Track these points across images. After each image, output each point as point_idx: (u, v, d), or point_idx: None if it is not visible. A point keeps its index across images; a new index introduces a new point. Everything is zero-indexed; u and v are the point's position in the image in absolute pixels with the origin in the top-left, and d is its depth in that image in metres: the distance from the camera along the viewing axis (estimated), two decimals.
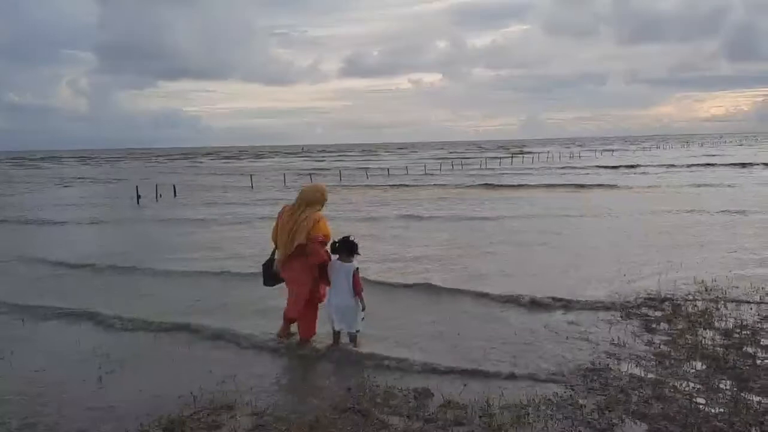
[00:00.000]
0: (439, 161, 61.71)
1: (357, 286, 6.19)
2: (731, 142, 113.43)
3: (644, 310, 7.39)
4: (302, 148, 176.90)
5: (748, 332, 6.41)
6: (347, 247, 6.26)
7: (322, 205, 6.41)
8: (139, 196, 26.70)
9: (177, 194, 28.88)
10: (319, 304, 6.51)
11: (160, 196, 28.14)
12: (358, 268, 6.24)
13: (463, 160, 59.95)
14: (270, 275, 6.52)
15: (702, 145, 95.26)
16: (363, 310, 6.24)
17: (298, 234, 6.15)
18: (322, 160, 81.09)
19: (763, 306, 7.38)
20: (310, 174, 44.57)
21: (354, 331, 6.31)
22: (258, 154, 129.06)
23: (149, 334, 7.04)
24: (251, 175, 39.77)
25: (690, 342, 6.14)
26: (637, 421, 4.46)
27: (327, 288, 6.40)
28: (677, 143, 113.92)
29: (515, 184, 31.10)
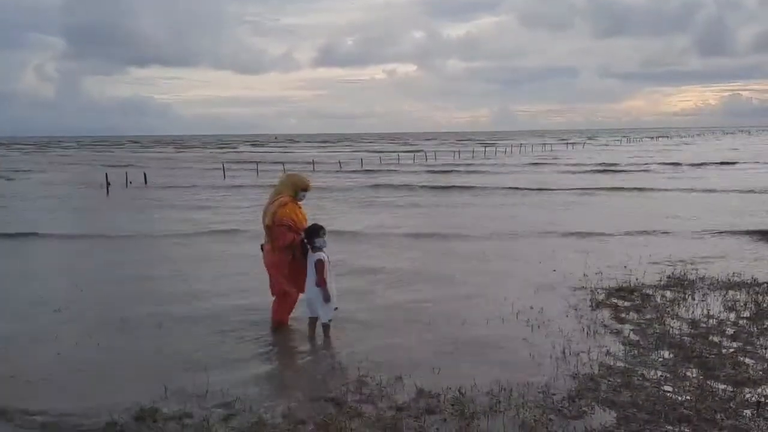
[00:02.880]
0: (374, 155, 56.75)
1: (318, 276, 6.21)
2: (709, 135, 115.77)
3: (614, 300, 7.49)
4: (275, 138, 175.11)
5: (714, 322, 6.54)
6: (306, 239, 6.33)
7: (296, 193, 6.49)
8: (108, 184, 26.22)
9: (147, 181, 28.45)
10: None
11: (131, 182, 27.75)
12: (320, 260, 6.25)
13: (430, 153, 59.72)
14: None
15: (671, 138, 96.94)
16: (327, 301, 6.23)
17: (265, 217, 6.41)
18: (271, 151, 75.89)
19: (728, 296, 7.53)
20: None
21: (324, 321, 6.32)
22: (228, 143, 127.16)
23: (120, 323, 6.93)
24: (223, 163, 39.27)
25: (658, 331, 6.24)
26: (606, 408, 4.52)
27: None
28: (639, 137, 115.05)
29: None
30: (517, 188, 23.69)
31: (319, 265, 6.20)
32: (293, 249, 6.36)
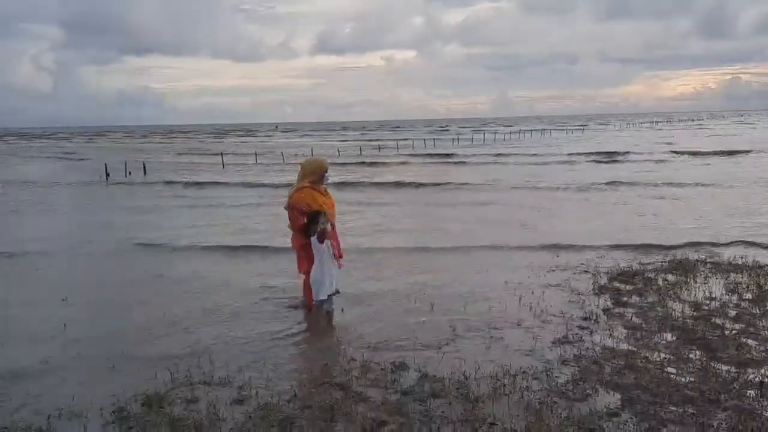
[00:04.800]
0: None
1: (322, 235, 6.40)
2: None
3: (616, 284, 7.51)
4: (276, 127, 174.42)
5: (717, 304, 6.56)
6: (308, 225, 6.44)
7: (318, 177, 6.64)
8: (108, 174, 26.16)
9: (146, 172, 28.38)
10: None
11: (130, 173, 27.68)
12: (324, 229, 6.41)
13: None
14: None
15: (670, 123, 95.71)
16: (321, 240, 6.41)
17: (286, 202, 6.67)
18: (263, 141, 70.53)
19: (730, 279, 7.55)
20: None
21: (320, 298, 6.49)
22: (227, 132, 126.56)
23: (122, 310, 6.95)
24: (221, 154, 39.11)
25: (660, 314, 6.27)
26: (610, 390, 4.54)
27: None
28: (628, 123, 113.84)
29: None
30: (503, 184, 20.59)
31: (323, 232, 6.38)
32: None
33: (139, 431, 4.12)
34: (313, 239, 6.35)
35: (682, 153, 33.03)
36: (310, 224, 6.35)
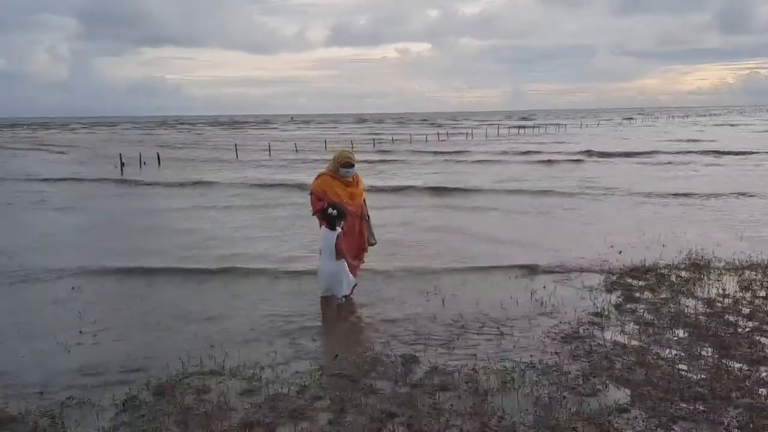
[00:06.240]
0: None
1: (337, 252, 6.44)
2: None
3: (628, 280, 7.47)
4: (291, 118, 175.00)
5: (730, 301, 6.51)
6: (327, 220, 6.54)
7: (335, 167, 6.87)
8: (123, 164, 26.34)
9: (161, 163, 28.55)
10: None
11: (144, 163, 27.86)
12: (339, 236, 6.46)
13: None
14: None
15: (688, 117, 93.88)
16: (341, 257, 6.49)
17: None
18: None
19: (744, 276, 7.47)
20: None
21: (338, 296, 6.52)
22: (242, 123, 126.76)
23: (136, 298, 7.02)
24: (235, 144, 39.19)
25: (673, 310, 6.23)
26: (620, 386, 4.53)
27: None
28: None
29: None
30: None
31: (339, 239, 6.46)
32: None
33: (150, 419, 4.17)
34: (326, 230, 6.43)
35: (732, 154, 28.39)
36: (335, 218, 6.43)
